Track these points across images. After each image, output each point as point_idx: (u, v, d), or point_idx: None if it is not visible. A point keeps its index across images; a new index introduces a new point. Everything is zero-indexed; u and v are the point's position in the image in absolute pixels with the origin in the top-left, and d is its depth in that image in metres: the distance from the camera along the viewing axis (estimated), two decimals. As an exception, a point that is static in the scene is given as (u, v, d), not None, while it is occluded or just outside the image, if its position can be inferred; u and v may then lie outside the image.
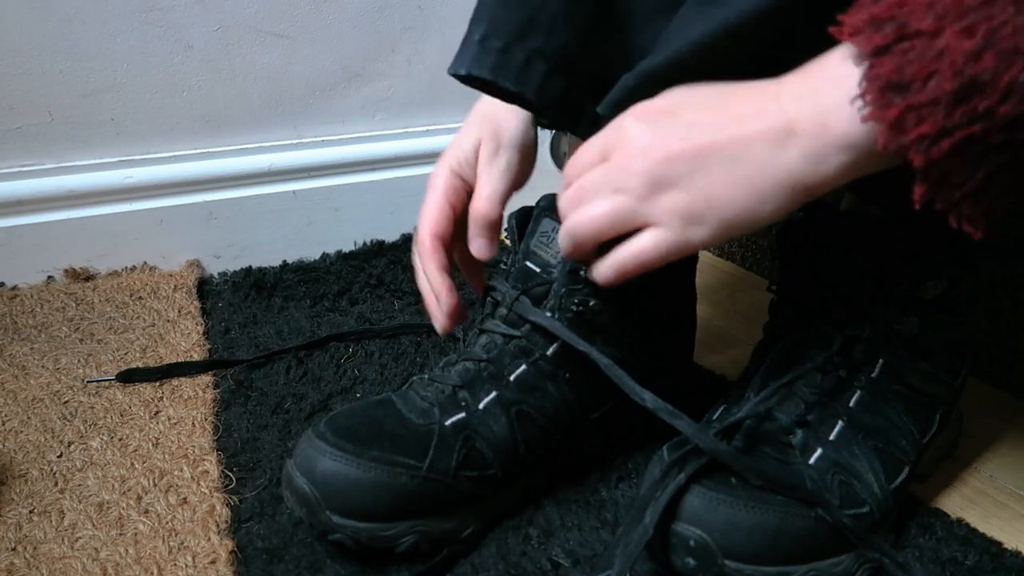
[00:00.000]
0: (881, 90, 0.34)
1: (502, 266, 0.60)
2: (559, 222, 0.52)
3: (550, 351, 0.56)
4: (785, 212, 0.40)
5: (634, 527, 0.47)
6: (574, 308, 0.56)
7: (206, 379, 0.73)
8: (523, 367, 0.56)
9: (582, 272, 0.55)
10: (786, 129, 0.38)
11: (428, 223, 0.57)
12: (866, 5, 0.36)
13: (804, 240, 0.57)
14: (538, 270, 0.57)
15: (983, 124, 0.32)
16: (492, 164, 0.57)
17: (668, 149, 0.41)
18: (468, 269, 0.62)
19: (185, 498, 0.58)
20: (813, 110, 0.37)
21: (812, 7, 0.38)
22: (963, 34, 0.32)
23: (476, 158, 0.58)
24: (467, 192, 0.58)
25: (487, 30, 0.49)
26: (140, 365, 0.75)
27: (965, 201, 0.35)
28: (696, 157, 0.40)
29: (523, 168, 0.59)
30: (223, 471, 0.61)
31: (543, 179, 0.66)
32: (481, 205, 0.56)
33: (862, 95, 0.35)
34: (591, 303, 0.56)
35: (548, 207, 0.57)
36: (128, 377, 0.72)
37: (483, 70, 0.49)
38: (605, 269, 0.45)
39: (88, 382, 0.72)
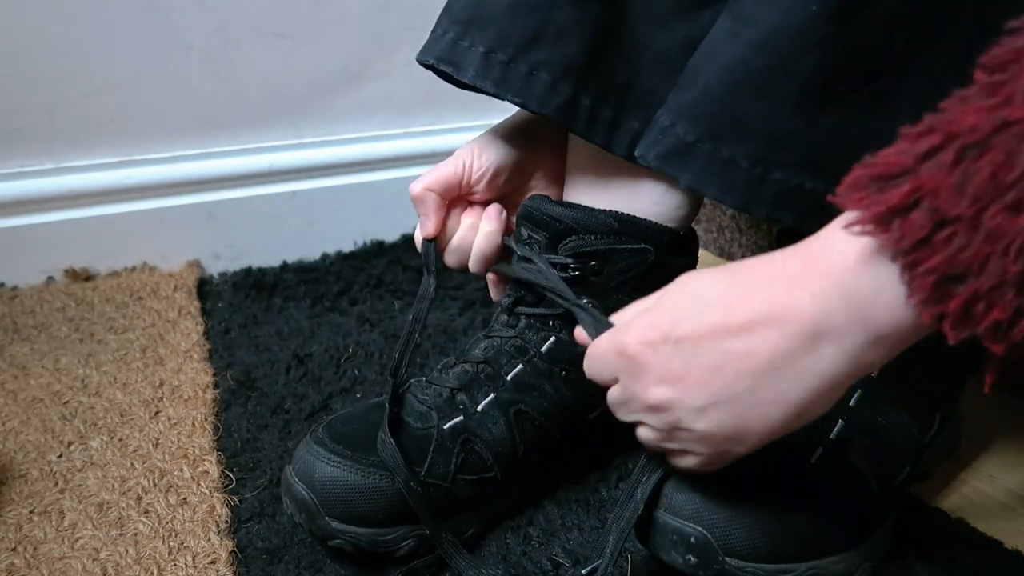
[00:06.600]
0: (935, 284, 0.32)
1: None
2: (534, 228, 0.55)
3: (544, 347, 0.56)
4: (831, 405, 0.38)
5: (625, 508, 0.47)
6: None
7: (206, 379, 0.73)
8: (519, 366, 0.56)
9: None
10: (813, 332, 0.35)
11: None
12: (869, 191, 0.33)
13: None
14: (531, 278, 0.57)
15: None
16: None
17: (685, 387, 0.39)
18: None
19: (185, 498, 0.58)
20: (843, 305, 0.34)
21: (858, 39, 0.37)
22: (1011, 211, 0.30)
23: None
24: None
25: (493, 43, 0.50)
26: (140, 365, 0.75)
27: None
28: (720, 392, 0.38)
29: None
30: (223, 471, 0.61)
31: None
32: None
33: (911, 293, 0.33)
34: (583, 301, 0.56)
35: (523, 215, 0.57)
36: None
37: (487, 83, 0.50)
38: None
39: None
